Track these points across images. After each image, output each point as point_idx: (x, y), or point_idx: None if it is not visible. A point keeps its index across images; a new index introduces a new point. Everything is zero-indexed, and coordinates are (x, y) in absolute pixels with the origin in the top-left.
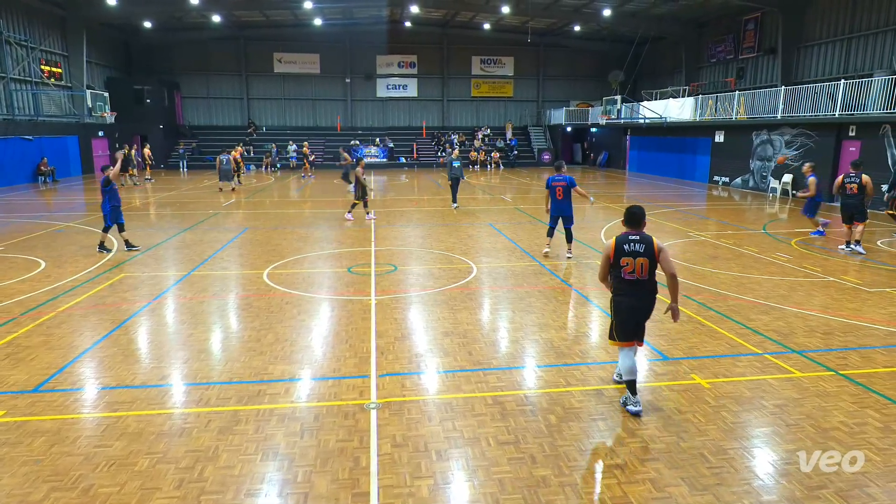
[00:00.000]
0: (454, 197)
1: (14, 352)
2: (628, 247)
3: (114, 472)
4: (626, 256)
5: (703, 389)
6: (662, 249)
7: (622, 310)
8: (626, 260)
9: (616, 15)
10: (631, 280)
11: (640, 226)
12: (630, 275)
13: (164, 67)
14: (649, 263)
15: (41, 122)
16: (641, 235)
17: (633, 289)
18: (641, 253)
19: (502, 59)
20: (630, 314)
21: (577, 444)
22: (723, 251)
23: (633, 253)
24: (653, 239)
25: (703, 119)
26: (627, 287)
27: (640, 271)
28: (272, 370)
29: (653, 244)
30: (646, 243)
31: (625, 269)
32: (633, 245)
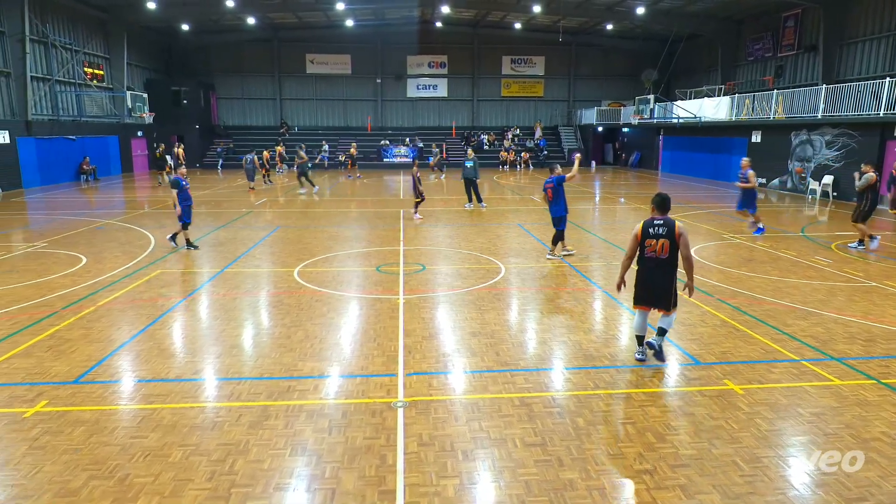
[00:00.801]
0: (469, 197)
1: (56, 344)
2: (653, 230)
3: (149, 463)
4: (650, 238)
5: (737, 395)
6: (682, 234)
7: (641, 280)
8: (650, 241)
9: (650, 13)
10: (651, 258)
11: (665, 211)
12: (651, 253)
13: (200, 69)
14: (670, 244)
15: (84, 122)
16: (665, 220)
17: (652, 265)
18: (663, 235)
19: (533, 58)
20: (646, 285)
21: (606, 448)
22: (759, 254)
23: (656, 235)
24: (675, 224)
25: (740, 119)
26: (648, 263)
27: (661, 251)
28: (302, 367)
29: (674, 228)
30: (668, 227)
31: (648, 249)
32: (657, 228)
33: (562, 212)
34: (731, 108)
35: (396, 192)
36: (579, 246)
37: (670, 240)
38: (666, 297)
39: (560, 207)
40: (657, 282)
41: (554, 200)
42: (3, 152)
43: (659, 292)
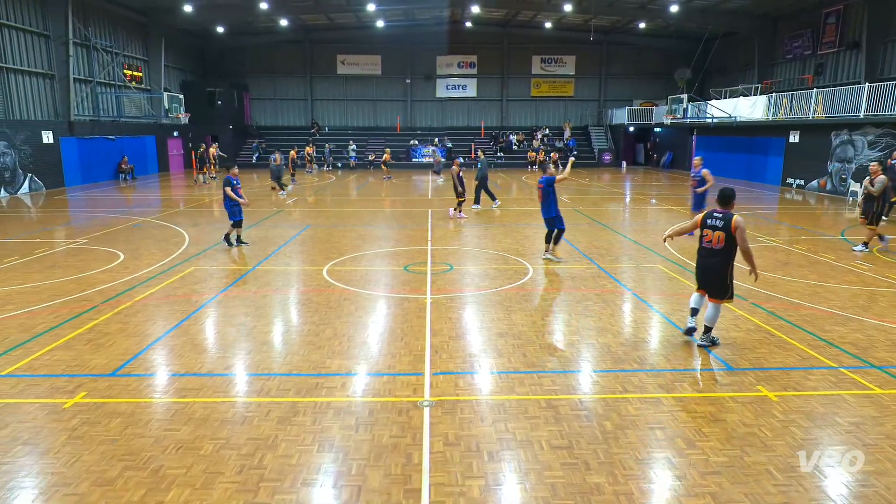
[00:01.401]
0: (477, 198)
1: (95, 337)
2: (710, 221)
3: (181, 455)
4: (706, 228)
5: (771, 402)
6: (738, 227)
7: (697, 266)
8: (707, 231)
9: (684, 11)
10: (707, 247)
11: (727, 206)
12: (707, 243)
13: (234, 70)
14: (725, 236)
15: (122, 122)
16: (725, 214)
17: (707, 253)
18: (720, 228)
19: (563, 58)
20: (702, 270)
21: (634, 453)
22: (795, 258)
23: (713, 227)
24: (733, 217)
25: (777, 118)
26: (704, 252)
27: (716, 242)
28: (329, 364)
29: (731, 222)
30: (725, 220)
31: (705, 238)
32: (715, 220)
33: (553, 213)
34: (767, 108)
35: (425, 191)
36: (609, 247)
37: (726, 232)
38: (717, 286)
39: (551, 209)
40: (710, 270)
41: (545, 201)
42: (47, 152)
43: (711, 280)
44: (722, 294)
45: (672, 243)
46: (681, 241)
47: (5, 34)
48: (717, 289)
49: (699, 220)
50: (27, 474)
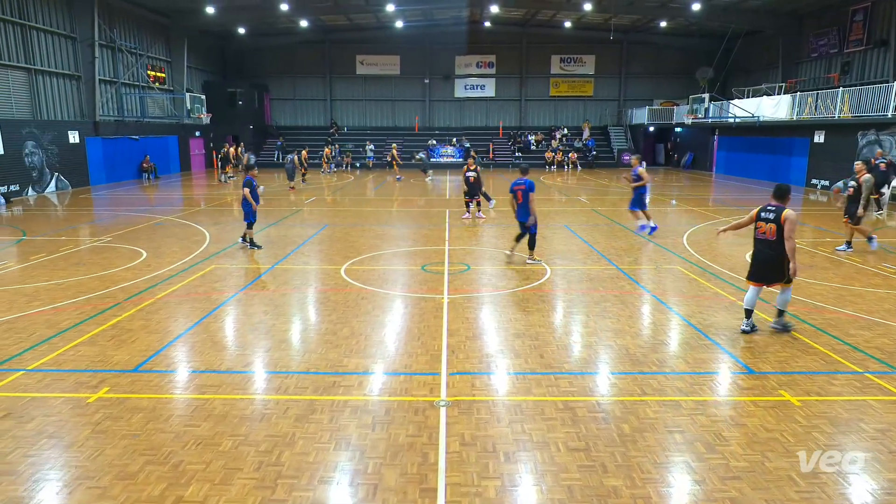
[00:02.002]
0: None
1: (118, 334)
2: (764, 214)
3: (200, 451)
4: (760, 221)
5: (793, 407)
6: (787, 220)
7: (753, 258)
8: (760, 224)
9: (706, 9)
10: (761, 238)
11: (781, 200)
12: (762, 235)
13: (254, 71)
14: (777, 228)
15: (146, 122)
16: (777, 207)
17: (762, 245)
18: (772, 220)
19: (583, 57)
20: (757, 262)
21: (652, 457)
22: (820, 260)
23: (765, 219)
24: (784, 211)
25: (801, 118)
26: (758, 243)
27: (770, 233)
28: (347, 363)
29: (781, 215)
30: (777, 213)
31: (759, 230)
32: (768, 213)
33: (527, 216)
34: (791, 107)
35: (443, 191)
36: (628, 248)
37: (777, 224)
38: (775, 274)
39: (527, 212)
40: (765, 260)
41: (523, 204)
42: (73, 151)
43: (768, 269)
44: (781, 278)
45: (693, 245)
46: (702, 242)
47: (34, 36)
48: (777, 276)
49: (754, 213)
50: (52, 467)
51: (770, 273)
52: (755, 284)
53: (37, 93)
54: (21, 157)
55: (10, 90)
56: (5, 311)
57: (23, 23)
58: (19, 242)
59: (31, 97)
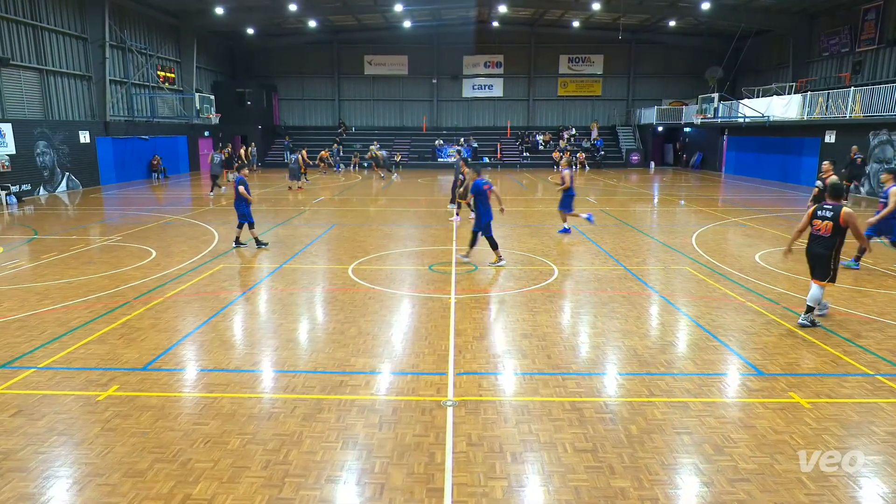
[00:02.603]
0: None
1: (127, 332)
2: (821, 212)
3: (209, 449)
4: (816, 219)
5: (803, 409)
6: (848, 220)
7: (807, 252)
8: (816, 221)
9: (715, 8)
10: (816, 235)
11: (837, 199)
12: (817, 231)
13: (263, 71)
14: (833, 226)
15: (156, 122)
16: (834, 206)
17: (815, 242)
18: (829, 217)
19: (591, 57)
20: (810, 256)
21: (660, 458)
22: None
23: (822, 217)
24: (841, 210)
25: (812, 118)
26: (813, 238)
27: (825, 230)
28: (354, 362)
29: (840, 213)
30: (835, 212)
31: (814, 227)
32: (825, 212)
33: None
34: (802, 107)
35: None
36: (637, 249)
37: (834, 222)
38: (821, 268)
39: (489, 211)
40: (817, 253)
41: (486, 204)
42: (84, 151)
43: (816, 262)
44: (824, 276)
45: (701, 245)
46: (710, 242)
47: (46, 37)
48: (822, 271)
49: (810, 213)
50: (62, 464)
51: (816, 265)
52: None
53: (48, 93)
54: (33, 157)
55: (23, 90)
56: (17, 309)
57: (35, 24)
58: (31, 241)
59: (43, 97)
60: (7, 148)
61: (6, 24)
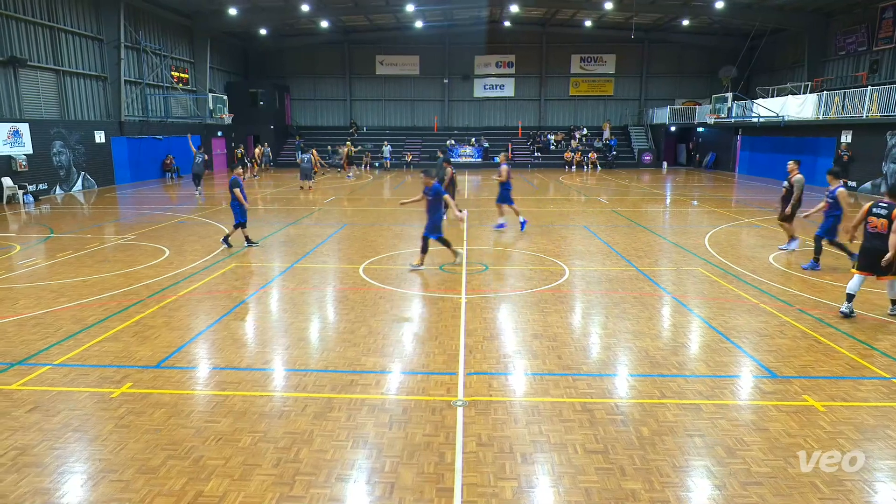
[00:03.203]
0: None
1: (141, 330)
2: (876, 210)
3: (220, 447)
4: (871, 216)
5: (817, 413)
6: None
7: (862, 250)
8: (871, 218)
9: (729, 7)
10: (872, 232)
11: (894, 197)
12: (873, 229)
13: (275, 71)
14: (888, 223)
15: (169, 122)
16: (889, 204)
17: (873, 238)
18: (884, 216)
19: (603, 56)
20: (865, 253)
21: (671, 460)
22: (845, 262)
23: (877, 214)
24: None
25: (828, 117)
26: (869, 237)
27: (881, 227)
28: (364, 361)
29: (893, 211)
30: (889, 210)
31: (870, 225)
32: (880, 209)
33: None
34: (818, 107)
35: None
36: (648, 249)
37: (888, 220)
38: (879, 266)
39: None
40: (874, 251)
41: (438, 208)
42: (99, 151)
43: (875, 260)
44: (889, 269)
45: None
46: (723, 243)
47: (63, 39)
48: (886, 267)
49: (866, 209)
50: (77, 460)
51: (875, 263)
52: (862, 273)
53: (65, 94)
54: (49, 157)
55: (40, 91)
56: (33, 306)
57: (52, 25)
58: (47, 240)
59: (60, 98)
60: (24, 148)
61: (24, 26)
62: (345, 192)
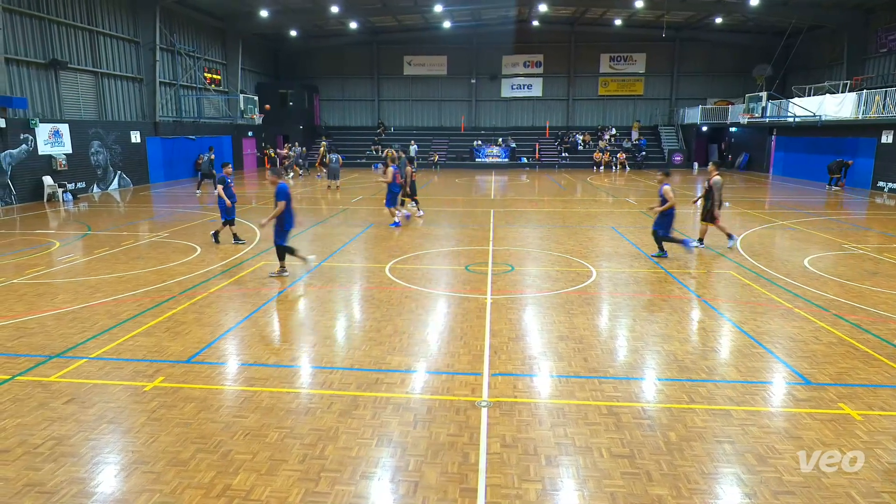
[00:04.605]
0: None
1: (173, 326)
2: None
3: (248, 441)
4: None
5: (854, 422)
6: None
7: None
8: None
9: (765, 4)
10: None
11: None
12: None
13: (305, 72)
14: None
15: (202, 123)
16: None
17: None
18: None
19: (633, 55)
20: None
21: (699, 466)
22: (886, 267)
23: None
24: None
25: (868, 117)
26: None
27: None
28: (390, 360)
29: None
30: None
31: None
32: None
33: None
34: (857, 106)
35: (487, 191)
36: (678, 251)
37: None
38: None
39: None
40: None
41: (290, 211)
42: (135, 151)
43: None
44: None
45: (747, 249)
46: (756, 245)
47: (102, 41)
48: None
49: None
50: (111, 451)
51: None
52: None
53: (102, 95)
54: (87, 156)
55: (79, 93)
56: (71, 301)
57: (91, 28)
58: (84, 237)
59: (98, 99)
60: (64, 147)
61: (65, 29)
62: (370, 192)
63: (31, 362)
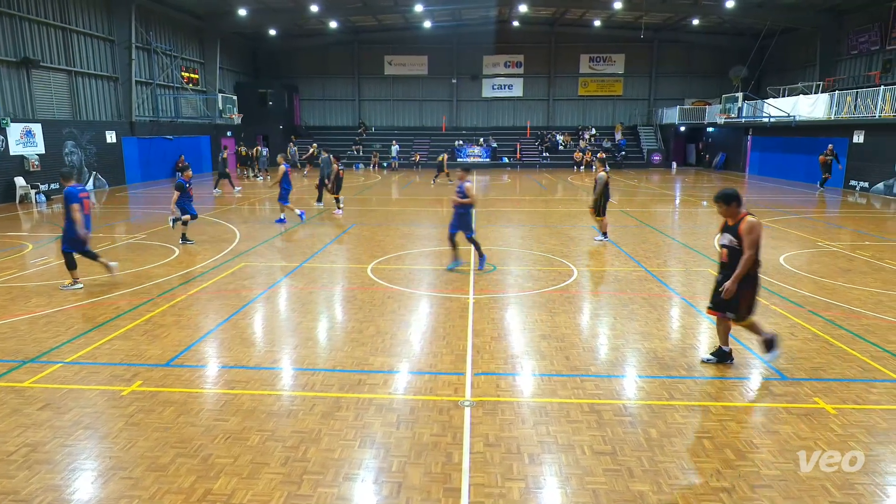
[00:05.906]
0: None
1: (151, 329)
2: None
3: (229, 445)
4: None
5: (828, 415)
6: None
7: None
8: None
9: (741, 6)
10: None
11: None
12: None
13: (285, 72)
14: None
15: (179, 123)
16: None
17: None
18: None
19: (612, 56)
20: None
21: (680, 462)
22: (858, 264)
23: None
24: None
25: (840, 117)
26: None
27: None
28: (372, 361)
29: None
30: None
31: None
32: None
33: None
34: (829, 107)
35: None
36: (657, 250)
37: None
38: None
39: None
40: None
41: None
42: (110, 151)
43: None
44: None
45: None
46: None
47: (76, 40)
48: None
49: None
50: (87, 457)
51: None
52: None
53: (76, 94)
54: (61, 157)
55: (52, 92)
56: (45, 304)
57: (64, 26)
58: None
59: (72, 98)
60: (37, 147)
61: (37, 27)
62: (353, 192)
63: (3, 367)
